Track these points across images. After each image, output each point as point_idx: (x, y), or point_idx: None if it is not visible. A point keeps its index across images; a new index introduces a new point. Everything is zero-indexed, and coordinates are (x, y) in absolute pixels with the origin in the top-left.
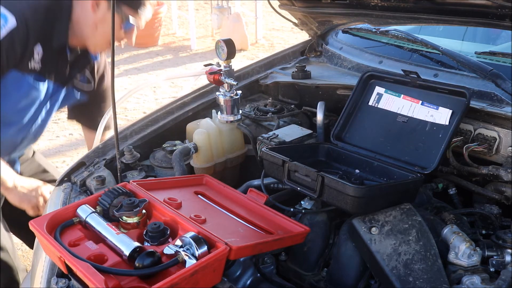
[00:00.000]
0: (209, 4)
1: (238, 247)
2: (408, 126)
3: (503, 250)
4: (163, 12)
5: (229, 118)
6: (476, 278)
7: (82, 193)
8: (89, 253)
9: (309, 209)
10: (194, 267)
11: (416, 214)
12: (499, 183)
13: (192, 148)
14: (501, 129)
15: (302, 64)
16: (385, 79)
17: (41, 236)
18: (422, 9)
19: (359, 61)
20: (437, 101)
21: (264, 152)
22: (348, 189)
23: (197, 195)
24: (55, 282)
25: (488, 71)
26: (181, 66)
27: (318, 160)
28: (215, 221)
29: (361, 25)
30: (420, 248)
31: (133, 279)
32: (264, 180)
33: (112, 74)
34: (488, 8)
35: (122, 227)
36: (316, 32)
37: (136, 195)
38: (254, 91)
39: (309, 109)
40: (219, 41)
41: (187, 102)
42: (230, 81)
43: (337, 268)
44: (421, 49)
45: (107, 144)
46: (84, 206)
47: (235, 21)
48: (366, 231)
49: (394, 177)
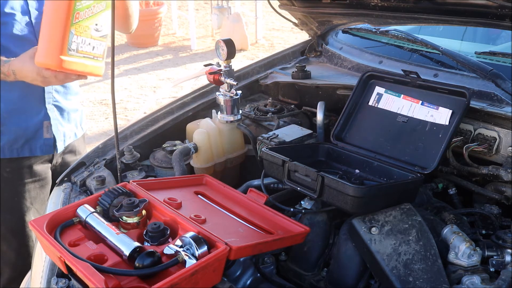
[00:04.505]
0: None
1: (238, 247)
2: (408, 126)
3: (503, 250)
4: (163, 12)
5: (229, 118)
6: (476, 278)
7: (82, 193)
8: (89, 253)
9: (309, 209)
10: (194, 267)
11: (416, 214)
12: (499, 183)
13: (192, 148)
14: (501, 129)
15: (302, 64)
16: (385, 79)
17: (41, 236)
18: (422, 9)
19: (359, 61)
20: (437, 101)
21: (264, 152)
22: (348, 189)
23: (197, 195)
24: (55, 282)
25: (488, 71)
26: (181, 66)
27: (318, 160)
28: (215, 221)
29: (361, 25)
30: (420, 248)
31: (133, 279)
32: (264, 180)
33: (112, 74)
34: (488, 8)
35: (122, 227)
36: (316, 32)
37: (136, 195)
38: (254, 91)
39: (309, 109)
40: (219, 41)
41: (187, 102)
42: (230, 81)
43: (337, 268)
44: (421, 49)
45: (107, 144)
46: (84, 206)
47: (235, 21)
48: (366, 231)
49: (394, 177)
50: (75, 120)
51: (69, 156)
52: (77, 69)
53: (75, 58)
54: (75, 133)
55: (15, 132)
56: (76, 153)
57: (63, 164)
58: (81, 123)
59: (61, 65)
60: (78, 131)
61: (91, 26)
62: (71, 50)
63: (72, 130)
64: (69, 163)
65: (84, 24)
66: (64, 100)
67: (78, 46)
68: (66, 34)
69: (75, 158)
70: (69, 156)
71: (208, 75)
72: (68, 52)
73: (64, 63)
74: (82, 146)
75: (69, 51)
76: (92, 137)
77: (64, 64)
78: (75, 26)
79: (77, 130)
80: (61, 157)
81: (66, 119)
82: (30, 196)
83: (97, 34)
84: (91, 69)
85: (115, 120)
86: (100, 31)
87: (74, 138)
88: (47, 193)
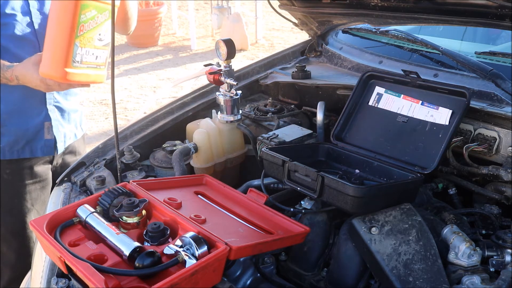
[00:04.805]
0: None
1: (238, 247)
2: (408, 126)
3: (503, 250)
4: (163, 12)
5: (229, 118)
6: (476, 278)
7: (82, 193)
8: (89, 253)
9: (309, 209)
10: (194, 267)
11: (416, 214)
12: (499, 183)
13: (192, 148)
14: (501, 129)
15: (302, 64)
16: (385, 79)
17: (41, 236)
18: (422, 9)
19: (359, 61)
20: (437, 101)
21: (264, 152)
22: (348, 189)
23: (197, 195)
24: (55, 282)
25: (488, 71)
26: (181, 66)
27: (318, 160)
28: (215, 221)
29: (361, 25)
30: (420, 248)
31: (133, 279)
32: (264, 180)
33: (112, 74)
34: (488, 8)
35: (122, 227)
36: (316, 32)
37: (136, 195)
38: (254, 91)
39: (309, 109)
40: (219, 41)
41: (187, 102)
42: (230, 81)
43: (337, 268)
44: (421, 49)
45: (107, 144)
46: (84, 206)
47: (235, 21)
48: (366, 231)
49: (394, 177)
50: (75, 121)
51: (70, 157)
52: (81, 80)
53: (79, 70)
54: (75, 134)
55: (15, 133)
56: (76, 154)
57: (64, 165)
58: (81, 124)
59: (65, 77)
60: (78, 132)
61: (94, 37)
62: (75, 62)
63: (72, 131)
64: (69, 164)
65: (88, 35)
66: (65, 101)
67: (82, 57)
68: (71, 47)
69: (75, 159)
70: (69, 156)
71: (208, 75)
72: (72, 64)
73: (69, 75)
74: (82, 147)
75: (73, 63)
76: (92, 137)
77: (68, 76)
78: (79, 38)
79: (77, 131)
80: (62, 158)
81: (67, 120)
82: (31, 197)
83: (100, 43)
84: (94, 78)
85: (115, 120)
86: (103, 40)
87: (74, 138)
88: (48, 194)
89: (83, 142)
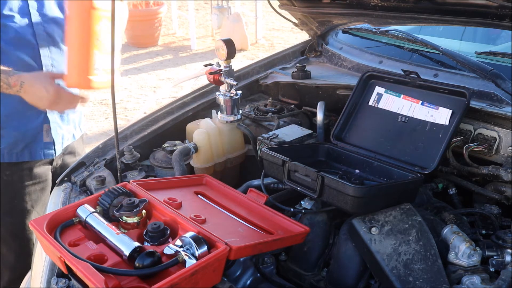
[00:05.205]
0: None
1: (238, 247)
2: (408, 126)
3: (503, 250)
4: (163, 12)
5: (229, 118)
6: (476, 278)
7: (82, 193)
8: (89, 253)
9: (309, 209)
10: (194, 267)
11: (416, 214)
12: (499, 183)
13: (192, 148)
14: (501, 129)
15: (302, 64)
16: (385, 79)
17: (41, 236)
18: (422, 9)
19: (359, 61)
20: (437, 101)
21: (264, 152)
22: (348, 189)
23: (197, 195)
24: (55, 282)
25: (488, 71)
26: (181, 66)
27: (318, 160)
28: (215, 221)
29: (361, 25)
30: (420, 248)
31: (133, 279)
32: (264, 180)
33: (112, 74)
34: (488, 8)
35: (122, 227)
36: (316, 32)
37: (136, 195)
38: (254, 91)
39: (309, 109)
40: (219, 41)
41: (187, 102)
42: (230, 81)
43: (337, 268)
44: (421, 49)
45: (107, 144)
46: (84, 206)
47: (235, 21)
48: (366, 231)
49: (394, 177)
50: (73, 122)
51: (69, 158)
52: (101, 86)
53: (99, 77)
54: (73, 135)
55: (14, 136)
56: (75, 154)
57: (63, 165)
58: (80, 124)
59: (89, 85)
60: (76, 132)
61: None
62: (96, 70)
63: (71, 132)
64: (69, 164)
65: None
66: None
67: (101, 64)
68: (92, 55)
69: (75, 160)
70: (69, 157)
71: (208, 75)
72: (94, 72)
73: (92, 83)
74: (81, 147)
75: (95, 71)
76: (92, 137)
77: (92, 84)
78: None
79: (76, 131)
80: (61, 158)
81: (65, 121)
82: (31, 198)
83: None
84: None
85: (115, 120)
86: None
87: (72, 139)
88: (48, 196)
89: (82, 143)
